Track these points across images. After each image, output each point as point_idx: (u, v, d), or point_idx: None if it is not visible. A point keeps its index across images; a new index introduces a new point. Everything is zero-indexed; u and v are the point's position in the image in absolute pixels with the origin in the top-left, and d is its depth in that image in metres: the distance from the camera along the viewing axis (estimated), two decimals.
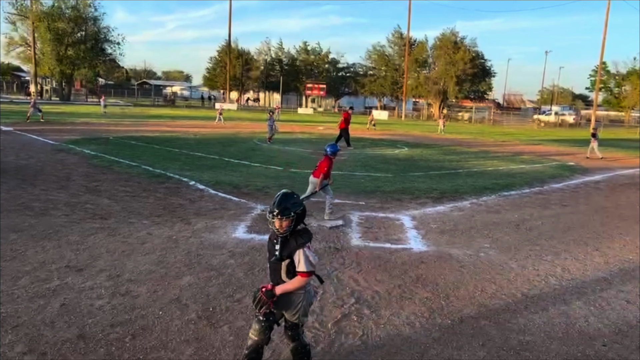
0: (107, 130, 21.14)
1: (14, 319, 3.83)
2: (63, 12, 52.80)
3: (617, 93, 64.30)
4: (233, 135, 22.59)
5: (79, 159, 12.56)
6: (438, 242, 6.52)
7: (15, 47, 55.09)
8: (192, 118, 36.07)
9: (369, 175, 12.11)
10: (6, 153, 12.70)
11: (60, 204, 7.58)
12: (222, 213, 7.53)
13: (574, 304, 4.69)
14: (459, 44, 60.33)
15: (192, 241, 6.02)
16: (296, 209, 2.85)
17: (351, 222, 7.31)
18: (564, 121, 55.77)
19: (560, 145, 26.21)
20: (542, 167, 15.86)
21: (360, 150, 18.70)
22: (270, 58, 77.08)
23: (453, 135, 30.70)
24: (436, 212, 8.37)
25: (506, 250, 6.34)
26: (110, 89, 75.63)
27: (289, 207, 2.83)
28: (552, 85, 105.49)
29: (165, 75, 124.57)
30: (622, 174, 15.10)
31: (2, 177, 9.46)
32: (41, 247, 5.54)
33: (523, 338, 3.95)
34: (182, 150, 15.38)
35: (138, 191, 8.87)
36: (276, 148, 17.70)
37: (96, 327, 3.77)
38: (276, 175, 11.46)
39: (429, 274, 5.32)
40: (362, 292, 4.72)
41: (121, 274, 4.86)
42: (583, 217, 8.56)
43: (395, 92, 67.12)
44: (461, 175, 13.01)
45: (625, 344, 3.94)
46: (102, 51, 58.06)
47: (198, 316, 4.04)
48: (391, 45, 68.67)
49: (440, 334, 3.96)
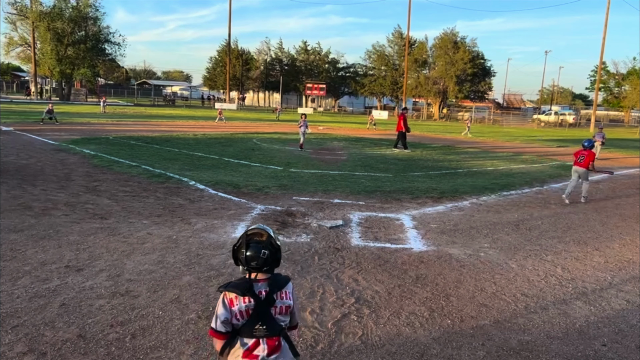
0: (107, 130, 21.14)
1: (14, 318, 3.83)
2: (63, 12, 52.80)
3: (617, 93, 64.32)
4: (233, 135, 22.59)
5: (79, 159, 12.56)
6: (438, 242, 6.52)
7: (15, 47, 55.14)
8: (192, 118, 36.09)
9: (369, 175, 12.11)
10: (6, 153, 12.70)
11: (60, 204, 7.58)
12: (222, 213, 7.54)
13: (574, 304, 4.69)
14: (458, 44, 60.38)
15: (192, 241, 6.02)
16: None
17: (351, 222, 7.31)
18: (564, 121, 55.82)
19: (560, 145, 26.21)
20: (542, 167, 15.86)
21: (360, 150, 18.70)
22: (270, 58, 77.12)
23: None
24: (436, 212, 8.37)
25: (506, 250, 6.34)
26: (110, 88, 75.69)
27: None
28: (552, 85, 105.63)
29: (165, 75, 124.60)
30: (622, 173, 15.10)
31: (2, 177, 9.46)
32: (41, 247, 5.54)
33: (523, 338, 3.95)
34: (182, 150, 15.39)
35: (138, 191, 8.87)
36: (276, 148, 17.70)
37: (96, 327, 3.77)
38: (276, 175, 11.46)
39: (429, 273, 5.32)
40: (362, 292, 4.72)
41: (121, 273, 4.86)
42: (583, 217, 8.56)
43: (395, 92, 67.15)
44: (461, 175, 13.01)
45: (625, 344, 3.95)
46: (102, 51, 58.07)
47: (198, 316, 4.04)
48: (391, 45, 68.75)
49: (440, 334, 3.96)
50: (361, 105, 79.19)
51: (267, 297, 2.27)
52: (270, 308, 2.28)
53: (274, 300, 2.28)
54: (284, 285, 2.34)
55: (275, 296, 2.29)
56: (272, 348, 2.27)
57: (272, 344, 2.28)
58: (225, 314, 2.24)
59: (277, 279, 2.34)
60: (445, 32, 61.83)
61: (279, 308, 2.30)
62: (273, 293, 2.28)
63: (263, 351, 2.26)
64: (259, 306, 2.25)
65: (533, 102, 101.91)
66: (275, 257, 2.31)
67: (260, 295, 2.26)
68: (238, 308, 2.24)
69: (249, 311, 2.24)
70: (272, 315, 2.28)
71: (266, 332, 2.26)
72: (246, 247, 2.27)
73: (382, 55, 68.57)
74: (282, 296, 2.31)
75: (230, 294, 2.26)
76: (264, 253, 2.26)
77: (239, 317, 2.25)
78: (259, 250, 2.25)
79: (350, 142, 22.02)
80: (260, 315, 2.26)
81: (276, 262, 2.32)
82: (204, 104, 68.45)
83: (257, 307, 2.25)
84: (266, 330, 2.26)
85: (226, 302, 2.26)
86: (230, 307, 2.25)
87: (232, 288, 2.26)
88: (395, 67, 67.16)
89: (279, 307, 2.30)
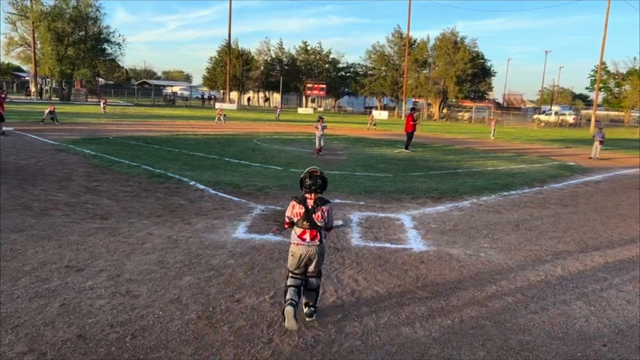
0: (107, 130, 21.15)
1: (14, 319, 3.83)
2: (64, 12, 52.80)
3: (617, 93, 64.29)
4: (233, 135, 22.59)
5: (79, 159, 12.56)
6: (438, 242, 6.52)
7: (16, 47, 55.16)
8: (192, 118, 36.10)
9: (369, 175, 12.11)
10: (6, 153, 12.70)
11: (60, 204, 7.58)
12: (222, 213, 7.54)
13: (574, 304, 4.69)
14: (459, 44, 60.36)
15: (192, 241, 6.02)
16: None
17: (351, 222, 7.31)
18: (564, 121, 55.80)
19: (560, 145, 26.21)
20: (542, 167, 15.86)
21: (360, 150, 18.70)
22: (270, 58, 77.11)
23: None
24: (436, 212, 8.37)
25: (506, 250, 6.34)
26: (110, 89, 75.70)
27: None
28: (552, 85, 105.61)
29: (166, 75, 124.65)
30: (622, 173, 15.10)
31: (2, 177, 9.47)
32: (41, 247, 5.54)
33: (523, 338, 3.95)
34: (182, 150, 15.39)
35: (138, 191, 8.87)
36: (276, 148, 17.70)
37: (96, 327, 3.77)
38: (276, 175, 11.46)
39: (429, 274, 5.32)
40: (362, 292, 4.72)
41: (121, 273, 4.86)
42: (583, 217, 8.56)
43: (395, 92, 67.13)
44: (461, 175, 13.01)
45: (626, 344, 3.95)
46: (103, 51, 58.08)
47: (198, 316, 4.04)
48: (391, 45, 68.74)
49: (440, 334, 3.96)
50: (361, 105, 79.17)
51: (312, 208, 3.89)
52: (312, 214, 3.88)
53: (315, 210, 3.88)
54: (324, 204, 3.94)
55: (317, 208, 3.89)
56: (312, 236, 3.91)
57: (312, 234, 3.91)
58: (289, 212, 3.98)
59: (321, 199, 3.93)
60: (445, 32, 61.87)
61: (318, 215, 3.89)
62: (316, 206, 3.89)
63: (307, 237, 3.91)
64: (306, 212, 3.89)
65: (533, 102, 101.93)
66: (323, 185, 3.95)
67: (309, 206, 3.89)
68: (296, 210, 3.92)
69: (300, 213, 3.90)
70: (313, 219, 3.88)
71: (309, 227, 3.89)
72: (309, 177, 3.90)
73: (382, 55, 68.55)
74: (322, 209, 3.91)
75: (294, 202, 3.95)
76: (318, 181, 3.91)
77: (295, 216, 3.94)
78: (315, 180, 3.90)
79: (350, 142, 22.02)
80: (306, 217, 3.89)
81: (323, 187, 3.96)
82: (204, 104, 68.45)
83: (306, 212, 3.89)
84: (309, 226, 3.89)
85: (290, 206, 3.97)
86: (292, 209, 3.95)
87: (295, 199, 3.96)
88: (396, 67, 67.14)
89: (318, 214, 3.89)
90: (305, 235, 3.90)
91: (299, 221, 3.89)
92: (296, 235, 3.93)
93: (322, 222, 3.91)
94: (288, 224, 4.02)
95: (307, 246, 3.90)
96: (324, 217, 3.91)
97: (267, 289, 4.67)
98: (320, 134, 16.07)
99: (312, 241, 3.90)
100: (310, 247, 3.90)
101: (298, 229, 3.92)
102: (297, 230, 3.92)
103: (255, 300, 4.40)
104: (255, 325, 3.94)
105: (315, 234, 3.89)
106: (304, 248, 3.91)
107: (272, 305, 4.32)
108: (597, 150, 19.13)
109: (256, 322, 4.00)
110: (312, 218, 3.87)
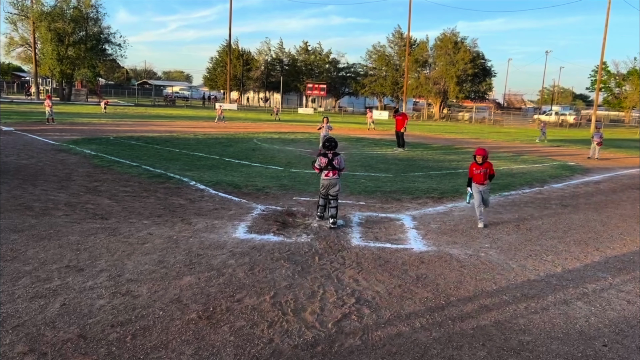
0: (107, 130, 21.16)
1: (14, 319, 3.83)
2: (64, 12, 52.81)
3: (618, 93, 64.25)
4: (233, 135, 22.60)
5: (79, 159, 12.57)
6: (438, 242, 6.53)
7: (16, 48, 55.14)
8: (192, 118, 36.10)
9: (369, 175, 12.11)
10: (7, 153, 12.71)
11: (60, 204, 7.59)
12: (223, 213, 7.54)
13: (574, 304, 4.69)
14: (459, 44, 60.33)
15: (193, 241, 6.03)
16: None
17: (351, 222, 7.31)
18: (564, 121, 55.78)
19: (560, 145, 26.20)
20: (542, 167, 15.85)
21: (360, 150, 18.70)
22: (271, 58, 77.13)
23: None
24: (436, 212, 8.38)
25: (506, 250, 6.34)
26: (111, 89, 75.78)
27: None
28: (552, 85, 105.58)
29: (166, 75, 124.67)
30: (623, 173, 15.10)
31: (3, 177, 9.47)
32: (41, 247, 5.54)
33: (523, 338, 3.95)
34: (183, 150, 15.39)
35: (138, 191, 8.87)
36: (276, 148, 17.70)
37: (97, 327, 3.78)
38: (276, 175, 11.47)
39: (429, 274, 5.32)
40: (363, 292, 4.72)
41: (122, 273, 4.87)
42: (583, 217, 8.55)
43: (395, 92, 67.13)
44: (461, 175, 12.99)
45: (626, 344, 3.95)
46: (103, 52, 58.10)
47: (198, 316, 4.04)
48: (391, 45, 68.73)
49: (440, 334, 3.96)
50: (362, 105, 79.16)
51: (332, 158, 6.96)
52: (333, 161, 6.95)
53: (334, 158, 6.97)
54: (338, 155, 7.03)
55: (335, 158, 6.98)
56: (334, 174, 6.99)
57: (334, 173, 6.99)
58: (318, 162, 7.00)
59: (336, 154, 7.01)
60: (446, 32, 61.83)
61: (335, 162, 6.97)
62: (334, 156, 6.97)
63: (331, 174, 6.97)
64: (329, 161, 6.96)
65: (534, 102, 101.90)
66: (336, 145, 7.08)
67: (329, 157, 6.96)
68: (322, 161, 6.98)
69: (325, 162, 6.95)
70: (333, 164, 6.96)
71: (331, 168, 6.95)
72: (328, 142, 7.07)
73: (382, 56, 68.54)
74: (338, 159, 7.00)
75: (321, 156, 7.00)
76: (333, 143, 7.05)
77: (322, 164, 6.97)
78: (331, 142, 7.06)
79: (351, 142, 22.01)
80: (329, 164, 6.96)
81: (336, 146, 7.07)
82: (204, 104, 68.46)
83: (328, 161, 6.96)
84: (331, 168, 6.95)
85: (319, 159, 7.02)
86: (320, 160, 6.98)
87: (321, 154, 7.02)
88: (396, 68, 67.14)
89: (335, 162, 6.97)
90: (330, 174, 6.92)
91: (326, 166, 6.91)
92: (324, 174, 6.94)
93: (338, 165, 6.97)
94: (318, 169, 6.99)
95: (330, 179, 6.93)
96: (339, 163, 6.98)
97: (267, 289, 4.68)
98: (324, 134, 16.27)
99: (333, 176, 6.94)
100: (332, 179, 6.93)
101: (324, 172, 6.93)
102: (325, 171, 6.92)
103: (255, 300, 4.40)
104: (256, 325, 3.94)
105: (335, 172, 6.94)
106: (328, 180, 6.93)
107: (272, 305, 4.32)
108: (596, 151, 19.13)
109: (256, 322, 4.00)
110: (333, 163, 6.91)
